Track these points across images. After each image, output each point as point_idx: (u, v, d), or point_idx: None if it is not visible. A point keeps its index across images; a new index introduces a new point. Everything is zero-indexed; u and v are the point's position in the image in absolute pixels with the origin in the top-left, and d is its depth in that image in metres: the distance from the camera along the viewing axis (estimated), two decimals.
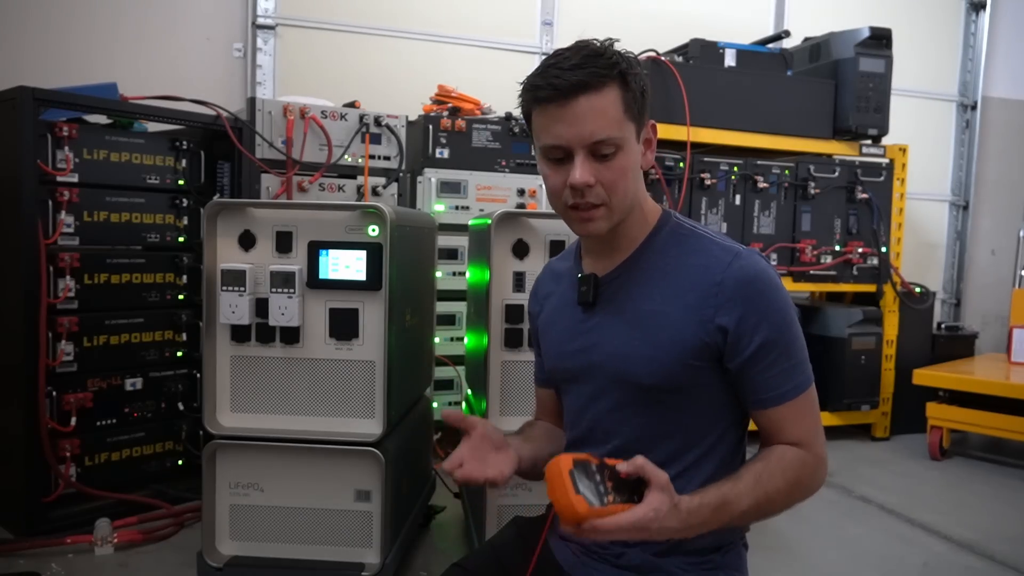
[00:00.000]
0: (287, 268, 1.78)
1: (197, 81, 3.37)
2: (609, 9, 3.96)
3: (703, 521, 1.01)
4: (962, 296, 5.04)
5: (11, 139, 2.22)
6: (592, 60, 1.06)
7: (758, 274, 1.09)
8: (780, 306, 1.10)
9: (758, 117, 3.50)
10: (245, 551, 1.83)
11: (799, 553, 2.40)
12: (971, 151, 4.96)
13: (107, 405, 2.44)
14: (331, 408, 1.81)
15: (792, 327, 1.11)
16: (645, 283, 1.14)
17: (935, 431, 3.47)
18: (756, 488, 1.05)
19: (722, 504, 1.02)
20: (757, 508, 1.06)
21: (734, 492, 1.04)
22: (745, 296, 1.07)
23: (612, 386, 1.13)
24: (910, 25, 4.54)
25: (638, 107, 1.09)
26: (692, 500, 1.00)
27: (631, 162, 1.10)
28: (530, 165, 3.20)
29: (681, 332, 1.08)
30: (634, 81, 1.08)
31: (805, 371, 1.12)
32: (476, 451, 1.14)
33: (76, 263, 2.32)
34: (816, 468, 1.12)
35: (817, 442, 1.12)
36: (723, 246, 1.12)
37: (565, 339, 1.22)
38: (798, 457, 1.10)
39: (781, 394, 1.10)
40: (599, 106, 1.05)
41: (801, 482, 1.10)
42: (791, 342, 1.10)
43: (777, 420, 1.11)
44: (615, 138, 1.07)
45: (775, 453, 1.10)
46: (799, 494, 1.11)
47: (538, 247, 1.90)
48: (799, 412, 1.11)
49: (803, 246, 3.58)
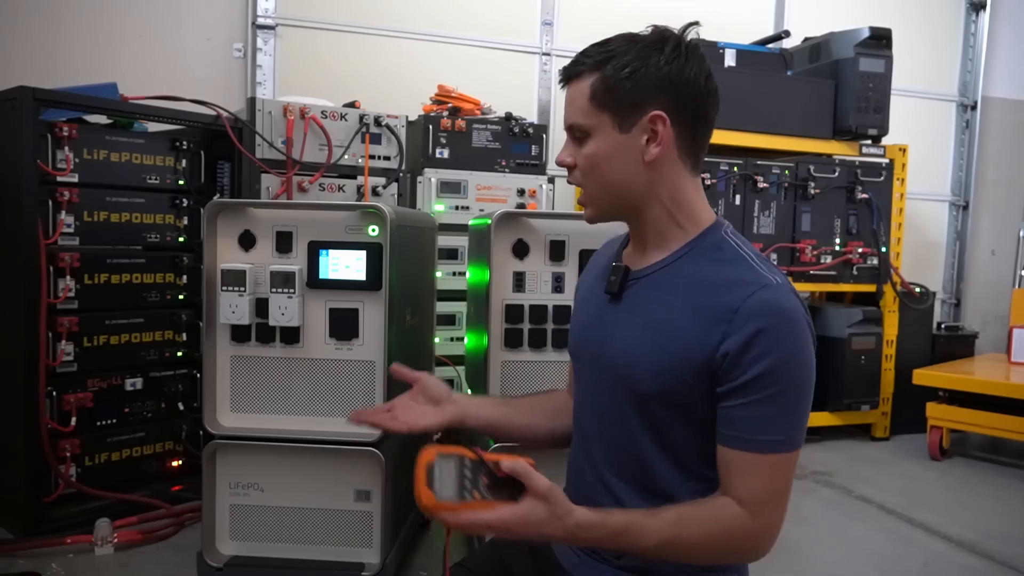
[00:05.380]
0: (287, 268, 1.78)
1: (197, 81, 3.37)
2: (609, 9, 3.96)
3: (597, 539, 1.00)
4: (962, 296, 5.04)
5: (11, 139, 2.22)
6: (591, 49, 1.11)
7: (780, 310, 1.01)
8: (792, 348, 1.01)
9: (758, 117, 3.50)
10: (245, 551, 1.83)
11: (799, 553, 2.40)
12: (971, 151, 4.96)
13: (107, 405, 2.44)
14: (331, 408, 1.81)
15: (797, 377, 1.01)
16: (670, 290, 1.09)
17: (935, 431, 3.47)
18: (672, 528, 0.99)
19: (624, 531, 0.99)
20: (667, 549, 1.00)
21: (643, 524, 0.99)
22: (757, 327, 0.99)
23: (615, 383, 1.13)
24: (910, 25, 4.54)
25: (613, 97, 1.07)
26: (590, 516, 0.98)
27: (601, 151, 1.09)
28: (530, 165, 3.20)
29: (688, 348, 1.04)
30: (612, 71, 1.06)
31: (791, 433, 1.02)
32: (410, 401, 1.30)
33: (76, 263, 2.32)
34: (756, 536, 1.02)
35: (769, 510, 1.02)
36: (757, 272, 1.05)
37: (587, 324, 1.22)
38: (736, 516, 1.01)
39: (750, 440, 1.00)
40: (574, 93, 1.11)
41: (731, 541, 1.02)
42: (789, 392, 1.01)
43: (735, 466, 1.02)
44: (581, 125, 1.10)
45: (715, 502, 1.03)
46: (727, 554, 1.05)
47: (538, 247, 1.90)
48: (761, 470, 1.01)
49: (803, 246, 3.58)
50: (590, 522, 0.98)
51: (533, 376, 1.89)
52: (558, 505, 0.96)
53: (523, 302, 1.88)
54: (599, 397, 1.16)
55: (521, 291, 1.89)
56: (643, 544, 1.00)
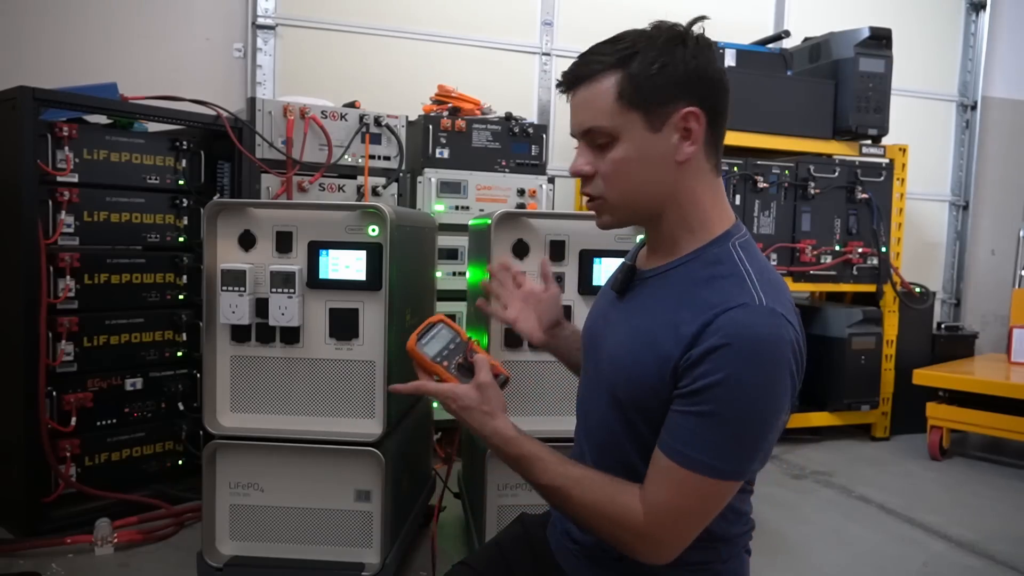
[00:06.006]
0: (287, 268, 1.77)
1: (197, 81, 3.37)
2: (609, 9, 3.96)
3: (504, 452, 1.09)
4: (962, 296, 5.04)
5: (11, 139, 2.22)
6: (602, 47, 1.04)
7: (746, 331, 0.94)
8: (745, 373, 0.93)
9: (758, 117, 3.50)
10: (245, 551, 1.83)
11: (799, 553, 2.40)
12: (971, 151, 4.96)
13: (107, 405, 2.44)
14: (331, 408, 1.82)
15: (742, 404, 0.93)
16: (660, 298, 1.06)
17: (935, 431, 3.47)
18: (569, 482, 1.03)
19: (527, 458, 1.06)
20: (557, 496, 1.05)
21: (546, 464, 1.05)
22: (717, 343, 0.94)
23: (602, 383, 1.12)
24: (910, 25, 4.54)
25: (643, 94, 1.00)
26: (509, 429, 1.09)
27: (631, 154, 1.03)
28: (530, 165, 3.20)
29: (659, 359, 1.00)
30: (640, 67, 1.00)
31: (720, 459, 0.94)
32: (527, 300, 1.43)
33: (76, 263, 2.32)
34: (643, 538, 0.98)
35: (665, 524, 0.97)
36: (744, 290, 0.98)
37: (595, 319, 1.22)
38: (630, 508, 0.98)
39: (674, 449, 0.96)
40: (591, 95, 1.03)
41: (610, 522, 1.00)
42: (728, 416, 0.93)
43: (654, 466, 0.99)
44: (605, 128, 1.03)
45: (623, 486, 1.01)
46: (604, 532, 1.02)
47: (538, 247, 1.90)
48: (670, 480, 0.96)
49: (803, 246, 3.58)
50: (506, 434, 1.08)
51: (533, 376, 1.89)
52: (487, 403, 1.10)
53: None
54: (592, 395, 1.17)
55: None
56: (539, 480, 1.06)
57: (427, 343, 1.20)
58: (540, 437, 1.10)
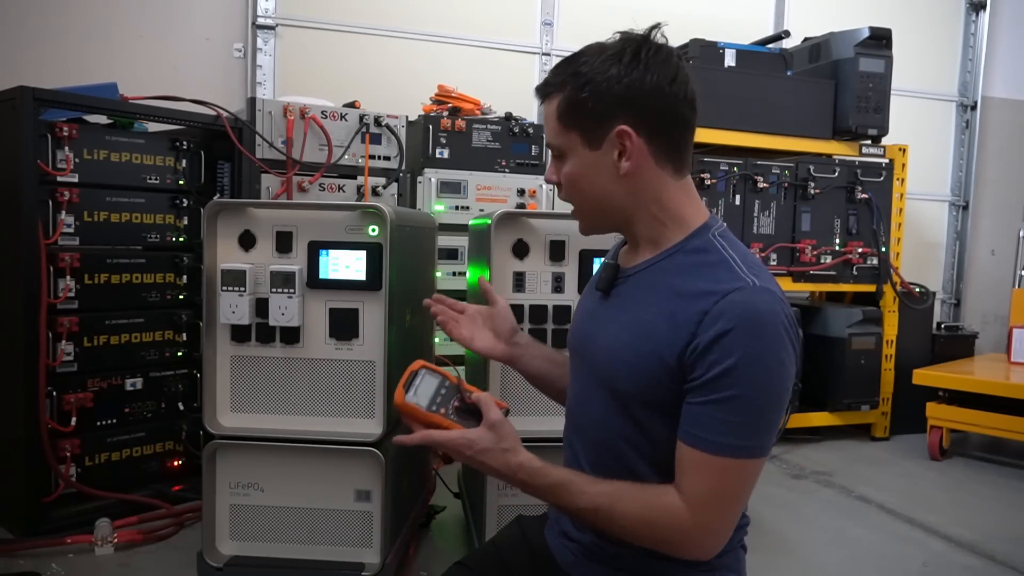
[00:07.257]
0: (287, 268, 1.77)
1: (197, 81, 3.37)
2: (609, 9, 3.96)
3: (534, 485, 1.07)
4: (962, 296, 5.04)
5: (11, 139, 2.22)
6: (559, 66, 1.11)
7: (750, 311, 0.97)
8: (757, 351, 0.97)
9: (758, 117, 3.51)
10: (245, 551, 1.83)
11: (799, 553, 2.41)
12: (971, 151, 4.97)
13: (107, 405, 2.44)
14: (331, 408, 1.81)
15: (760, 381, 0.97)
16: (651, 290, 1.09)
17: (935, 431, 3.47)
18: (607, 499, 1.02)
19: (562, 486, 1.05)
20: (598, 516, 1.03)
21: (581, 486, 1.04)
22: (724, 327, 0.97)
23: (599, 381, 1.13)
24: (910, 25, 4.54)
25: (577, 116, 1.07)
26: (534, 461, 1.06)
27: (578, 169, 1.10)
28: (530, 165, 3.20)
29: (660, 349, 1.02)
30: (572, 91, 1.07)
31: (748, 438, 0.98)
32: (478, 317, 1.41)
33: (76, 263, 2.32)
34: (689, 533, 1.00)
35: (709, 511, 0.99)
36: (735, 274, 1.02)
37: (582, 319, 1.23)
38: (673, 508, 1.00)
39: (703, 439, 0.98)
40: (546, 113, 1.13)
41: (661, 529, 1.01)
42: (749, 395, 0.97)
43: (686, 461, 1.00)
44: (555, 145, 1.12)
45: (658, 489, 1.02)
46: (652, 539, 1.02)
47: (538, 247, 1.90)
48: (708, 470, 0.98)
49: (803, 246, 3.58)
50: (532, 467, 1.06)
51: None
52: (505, 439, 1.07)
53: (523, 302, 1.88)
54: (586, 395, 1.17)
55: (521, 291, 1.89)
56: (576, 504, 1.04)
57: (415, 394, 1.12)
58: (535, 437, 1.11)
